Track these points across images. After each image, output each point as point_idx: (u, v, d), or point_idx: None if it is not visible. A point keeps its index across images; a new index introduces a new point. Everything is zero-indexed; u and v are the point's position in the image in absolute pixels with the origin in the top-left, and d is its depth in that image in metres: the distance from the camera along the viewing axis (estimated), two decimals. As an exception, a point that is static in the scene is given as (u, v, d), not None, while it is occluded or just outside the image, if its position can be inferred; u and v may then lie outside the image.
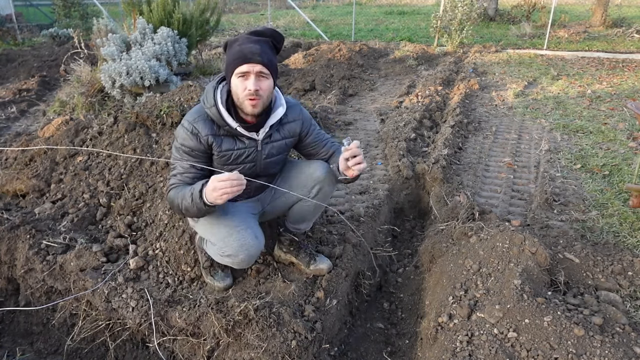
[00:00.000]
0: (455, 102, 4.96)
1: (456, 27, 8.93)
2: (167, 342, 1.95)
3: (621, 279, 2.02)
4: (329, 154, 2.06)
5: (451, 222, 2.56)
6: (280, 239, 2.25)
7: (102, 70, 4.59)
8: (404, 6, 18.80)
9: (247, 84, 1.69)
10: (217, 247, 1.89)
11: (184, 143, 1.79)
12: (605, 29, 11.10)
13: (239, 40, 1.72)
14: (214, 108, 1.76)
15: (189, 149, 1.79)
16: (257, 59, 1.67)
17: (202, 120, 1.79)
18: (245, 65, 1.67)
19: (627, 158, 3.51)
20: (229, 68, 1.73)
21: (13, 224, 2.42)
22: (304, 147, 2.07)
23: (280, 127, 1.92)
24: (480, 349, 1.62)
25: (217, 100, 1.76)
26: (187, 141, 1.78)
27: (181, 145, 1.79)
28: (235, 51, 1.70)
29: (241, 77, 1.70)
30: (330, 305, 2.04)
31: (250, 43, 1.69)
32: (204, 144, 1.79)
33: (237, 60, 1.69)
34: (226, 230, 1.85)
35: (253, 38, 1.72)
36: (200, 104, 1.84)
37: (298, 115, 1.97)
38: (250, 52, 1.67)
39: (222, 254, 1.87)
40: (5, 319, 2.33)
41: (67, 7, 10.43)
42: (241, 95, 1.71)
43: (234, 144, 1.84)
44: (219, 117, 1.77)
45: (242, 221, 1.89)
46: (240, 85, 1.70)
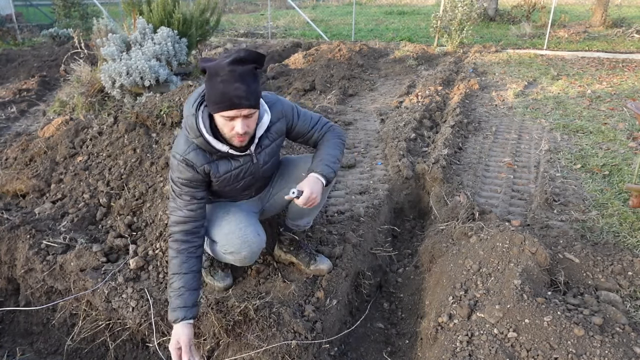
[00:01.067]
0: (455, 102, 4.96)
1: (456, 27, 8.93)
2: (167, 342, 1.95)
3: (621, 279, 2.02)
4: (318, 140, 2.01)
5: (451, 222, 2.56)
6: (280, 239, 2.25)
7: (102, 70, 4.59)
8: (404, 6, 18.80)
9: (234, 125, 1.62)
10: (219, 245, 1.88)
11: (180, 176, 1.74)
12: (605, 29, 11.10)
13: (221, 75, 1.56)
14: (201, 138, 1.68)
15: (187, 180, 1.74)
16: (244, 103, 1.57)
17: (193, 150, 1.72)
18: (232, 111, 1.58)
19: (627, 158, 3.51)
20: (212, 107, 1.61)
21: (13, 224, 2.42)
22: (293, 139, 2.04)
23: (267, 132, 1.85)
24: (480, 349, 1.62)
25: (202, 130, 1.67)
26: (183, 174, 1.74)
27: (178, 178, 1.75)
28: (219, 92, 1.56)
29: (227, 119, 1.62)
30: (330, 305, 2.04)
31: (234, 82, 1.54)
32: (201, 173, 1.75)
33: (222, 105, 1.57)
34: (228, 227, 1.85)
35: (237, 72, 1.55)
36: (183, 132, 1.74)
37: (280, 112, 1.89)
38: (236, 97, 1.55)
39: (224, 251, 1.87)
40: (5, 319, 2.33)
41: (67, 7, 10.43)
42: (228, 135, 1.66)
43: (230, 165, 1.80)
44: (208, 146, 1.70)
45: (244, 219, 1.89)
46: (227, 126, 1.64)
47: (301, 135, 2.00)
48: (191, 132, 1.69)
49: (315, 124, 2.00)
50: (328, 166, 1.86)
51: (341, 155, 1.97)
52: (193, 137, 1.69)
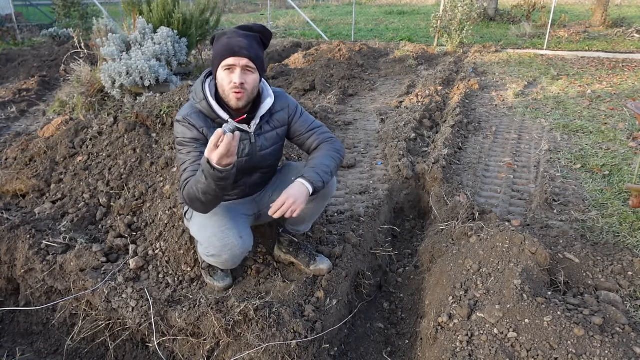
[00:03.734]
0: (455, 102, 4.96)
1: (456, 27, 8.93)
2: (167, 342, 1.95)
3: (621, 279, 2.02)
4: (314, 147, 2.01)
5: (451, 222, 2.56)
6: (280, 240, 2.25)
7: (102, 70, 4.59)
8: (404, 6, 18.80)
9: (232, 77, 1.70)
10: (202, 247, 1.91)
11: (185, 135, 1.79)
12: (605, 29, 11.10)
13: (227, 34, 1.73)
14: (204, 102, 1.78)
15: (191, 139, 1.79)
16: (244, 52, 1.69)
17: (195, 114, 1.79)
18: (232, 58, 1.68)
19: (627, 158, 3.51)
20: (216, 61, 1.74)
21: (13, 224, 2.42)
22: (291, 137, 2.05)
23: (269, 117, 1.92)
24: (480, 349, 1.62)
25: (207, 94, 1.78)
26: (187, 133, 1.79)
27: (183, 138, 1.80)
28: (223, 44, 1.71)
29: (227, 70, 1.71)
30: (330, 305, 2.04)
31: (238, 37, 1.71)
32: (201, 134, 1.80)
33: (224, 53, 1.69)
34: (212, 230, 1.85)
35: (241, 32, 1.74)
36: (190, 101, 1.85)
37: (285, 103, 1.96)
38: (237, 46, 1.69)
39: (207, 253, 1.89)
40: (5, 319, 2.33)
41: (67, 7, 10.42)
42: (226, 88, 1.73)
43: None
44: (210, 110, 1.78)
45: (229, 221, 1.89)
46: (226, 78, 1.72)
47: (299, 134, 2.02)
48: (196, 96, 1.79)
49: (315, 127, 2.02)
50: (318, 174, 1.81)
51: (335, 168, 1.93)
52: (197, 100, 1.78)
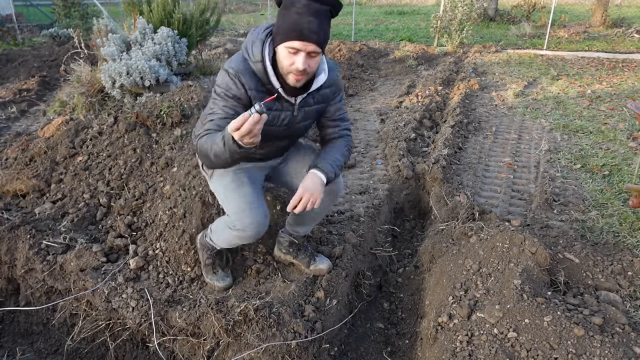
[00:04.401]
0: (455, 102, 4.96)
1: (456, 27, 8.93)
2: (167, 342, 1.95)
3: (621, 279, 2.02)
4: (331, 138, 1.96)
5: (451, 222, 2.56)
6: (280, 240, 2.25)
7: (102, 70, 4.59)
8: (404, 6, 18.80)
9: (295, 59, 1.57)
10: (229, 220, 1.86)
11: (228, 90, 1.66)
12: (605, 29, 11.11)
13: (297, 6, 1.54)
14: (261, 64, 1.65)
15: (233, 96, 1.66)
16: (312, 37, 1.54)
17: (248, 73, 1.66)
18: (299, 42, 1.54)
19: (627, 158, 3.51)
20: (280, 37, 1.59)
21: (13, 224, 2.42)
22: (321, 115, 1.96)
23: (316, 92, 1.80)
24: (480, 349, 1.62)
25: (266, 57, 1.64)
26: (232, 89, 1.66)
27: (225, 90, 1.67)
28: (292, 21, 1.55)
29: (291, 51, 1.57)
30: (330, 305, 2.04)
31: (309, 15, 1.54)
32: (247, 95, 1.68)
33: (291, 34, 1.55)
34: (239, 204, 1.82)
35: (313, 7, 1.54)
36: (241, 53, 1.71)
37: (333, 80, 1.85)
38: (307, 29, 1.53)
39: (232, 226, 1.84)
40: (5, 319, 2.33)
41: (67, 7, 10.42)
42: (286, 68, 1.61)
43: (274, 104, 1.72)
44: (264, 75, 1.66)
45: (256, 197, 1.86)
46: (288, 59, 1.59)
47: (327, 118, 1.94)
48: (254, 56, 1.65)
49: (342, 120, 1.97)
50: (331, 165, 1.80)
51: (344, 163, 1.92)
52: (253, 61, 1.65)
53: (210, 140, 1.55)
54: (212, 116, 1.67)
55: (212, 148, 1.52)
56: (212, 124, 1.65)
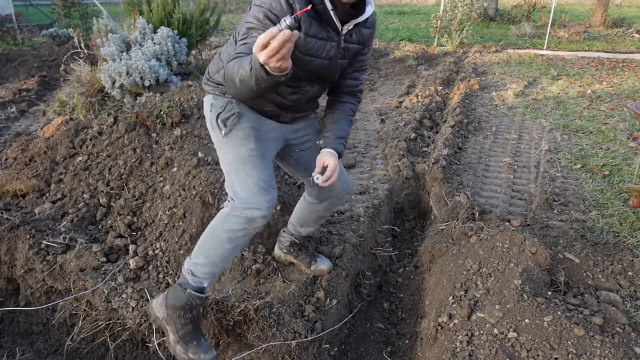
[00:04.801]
0: (455, 102, 4.96)
1: (456, 27, 8.93)
2: (167, 342, 1.95)
3: (621, 279, 2.02)
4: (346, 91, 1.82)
5: (451, 222, 2.56)
6: (281, 240, 2.24)
7: (102, 70, 4.59)
8: (404, 6, 18.79)
9: None
10: (233, 205, 1.59)
11: (272, 8, 1.43)
12: (605, 29, 11.11)
13: None
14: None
15: (275, 16, 1.42)
16: None
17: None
18: None
19: (627, 158, 3.51)
20: None
21: (13, 224, 2.42)
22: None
23: (359, 29, 1.64)
24: (480, 349, 1.62)
25: None
26: (277, 8, 1.43)
27: (268, 9, 1.43)
28: None
29: None
30: (330, 305, 2.04)
31: None
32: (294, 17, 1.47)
33: None
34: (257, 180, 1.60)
35: None
36: None
37: (374, 22, 1.70)
38: None
39: (241, 208, 1.57)
40: (5, 319, 2.33)
41: (67, 7, 10.41)
42: None
43: (321, 31, 1.53)
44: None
45: (272, 175, 1.68)
46: None
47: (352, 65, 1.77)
48: None
49: (363, 70, 1.84)
50: (342, 145, 1.74)
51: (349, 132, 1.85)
52: None
53: (238, 64, 1.33)
54: (246, 40, 1.44)
55: (239, 72, 1.31)
56: (246, 47, 1.42)
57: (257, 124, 1.71)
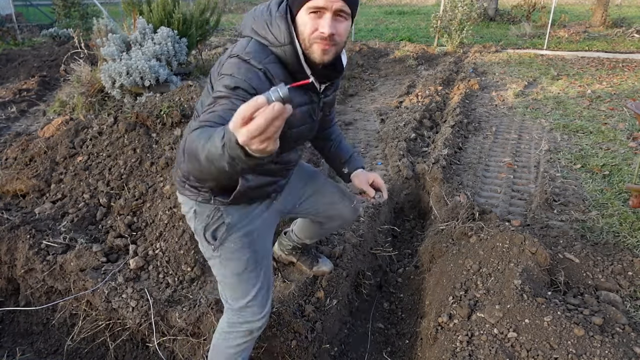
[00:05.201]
0: (455, 102, 4.96)
1: (456, 27, 8.93)
2: (167, 342, 1.95)
3: (621, 279, 2.02)
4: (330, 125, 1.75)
5: (451, 222, 2.56)
6: (282, 242, 2.21)
7: (102, 70, 4.59)
8: (404, 6, 18.79)
9: (320, 23, 1.26)
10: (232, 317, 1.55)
11: (250, 81, 1.21)
12: (605, 29, 11.10)
13: None
14: (289, 47, 1.29)
15: (254, 90, 1.20)
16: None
17: (275, 63, 1.29)
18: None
19: (627, 158, 3.51)
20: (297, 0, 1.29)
21: (13, 224, 2.42)
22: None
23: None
24: (480, 349, 1.62)
25: (294, 38, 1.29)
26: (254, 81, 1.22)
27: (244, 80, 1.21)
28: None
29: (313, 13, 1.26)
30: (330, 305, 2.04)
31: None
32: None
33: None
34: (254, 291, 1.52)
35: None
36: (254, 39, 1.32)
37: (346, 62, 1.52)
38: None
39: (240, 321, 1.53)
40: (5, 319, 2.33)
41: (67, 7, 10.41)
42: (310, 37, 1.28)
43: (304, 97, 1.39)
44: (295, 61, 1.30)
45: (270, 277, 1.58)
46: (311, 24, 1.26)
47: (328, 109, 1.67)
48: (278, 38, 1.29)
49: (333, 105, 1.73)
50: (361, 158, 1.77)
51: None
52: (278, 44, 1.29)
53: (204, 136, 0.99)
54: (214, 107, 1.18)
55: (206, 148, 0.96)
56: (214, 116, 1.14)
57: (249, 226, 1.53)
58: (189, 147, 1.05)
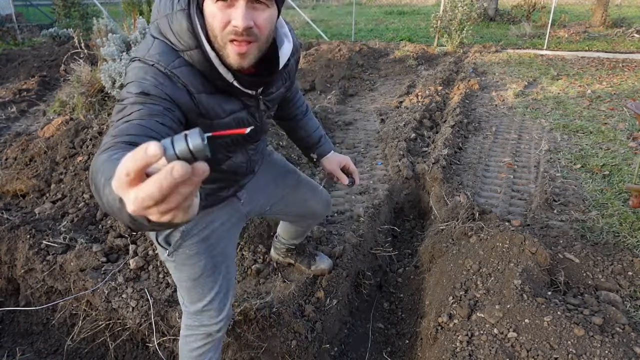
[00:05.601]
0: (455, 102, 4.96)
1: (456, 27, 8.92)
2: (167, 342, 1.95)
3: (621, 279, 2.02)
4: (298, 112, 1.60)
5: (451, 222, 2.56)
6: (276, 246, 2.21)
7: (102, 70, 4.59)
8: (404, 6, 18.79)
9: (231, 14, 0.99)
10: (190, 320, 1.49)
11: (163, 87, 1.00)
12: (605, 29, 11.10)
13: None
14: (197, 52, 1.04)
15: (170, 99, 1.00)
16: None
17: (185, 66, 1.05)
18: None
19: (627, 158, 3.51)
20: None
21: (13, 224, 2.42)
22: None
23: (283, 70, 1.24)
24: (480, 349, 1.62)
25: (202, 38, 1.03)
26: (168, 87, 1.01)
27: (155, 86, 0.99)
28: None
29: (222, 1, 0.99)
30: (330, 305, 2.04)
31: None
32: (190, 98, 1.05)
33: None
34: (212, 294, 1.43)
35: None
36: (157, 39, 1.06)
37: (296, 46, 1.28)
38: None
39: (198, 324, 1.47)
40: (5, 319, 2.33)
41: (67, 7, 10.42)
42: (220, 34, 1.01)
43: (235, 105, 1.17)
44: (208, 68, 1.05)
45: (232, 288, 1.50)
46: (220, 16, 0.99)
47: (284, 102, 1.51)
48: (182, 41, 1.03)
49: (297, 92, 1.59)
50: (329, 141, 1.68)
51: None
52: (184, 47, 1.04)
53: (108, 167, 0.71)
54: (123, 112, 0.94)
55: (104, 192, 0.68)
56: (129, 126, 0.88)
57: (206, 232, 1.39)
58: (93, 178, 0.75)
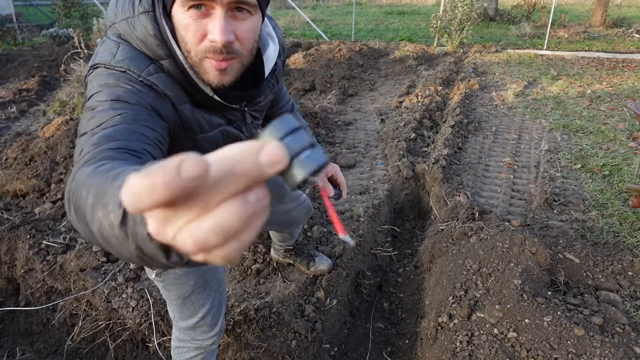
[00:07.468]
0: (455, 102, 4.96)
1: (456, 27, 8.92)
2: (167, 342, 1.95)
3: (621, 279, 2.02)
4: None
5: (451, 222, 2.56)
6: (275, 247, 2.22)
7: (102, 70, 4.59)
8: (404, 6, 18.79)
9: (207, 26, 0.84)
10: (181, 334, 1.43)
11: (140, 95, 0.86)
12: (605, 29, 11.10)
13: None
14: (170, 62, 0.91)
15: (148, 105, 0.86)
16: None
17: (162, 73, 0.92)
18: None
19: (627, 158, 3.51)
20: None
21: (13, 224, 2.42)
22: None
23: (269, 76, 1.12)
24: (480, 349, 1.62)
25: (175, 49, 0.90)
26: (146, 95, 0.87)
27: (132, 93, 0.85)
28: None
29: (194, 9, 0.84)
30: (330, 305, 2.04)
31: None
32: (169, 106, 0.93)
33: None
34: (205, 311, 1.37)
35: None
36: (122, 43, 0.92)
37: (282, 46, 1.19)
38: None
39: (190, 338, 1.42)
40: (5, 319, 2.33)
41: (67, 7, 10.42)
42: (195, 49, 0.87)
43: (218, 119, 1.07)
44: (184, 80, 0.94)
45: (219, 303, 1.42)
46: (194, 28, 0.85)
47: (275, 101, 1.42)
48: (147, 49, 0.90)
49: (285, 93, 1.51)
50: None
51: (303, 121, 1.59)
52: (160, 55, 0.91)
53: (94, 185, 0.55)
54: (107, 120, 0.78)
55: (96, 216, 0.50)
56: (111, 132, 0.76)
57: None
58: (74, 199, 0.59)
